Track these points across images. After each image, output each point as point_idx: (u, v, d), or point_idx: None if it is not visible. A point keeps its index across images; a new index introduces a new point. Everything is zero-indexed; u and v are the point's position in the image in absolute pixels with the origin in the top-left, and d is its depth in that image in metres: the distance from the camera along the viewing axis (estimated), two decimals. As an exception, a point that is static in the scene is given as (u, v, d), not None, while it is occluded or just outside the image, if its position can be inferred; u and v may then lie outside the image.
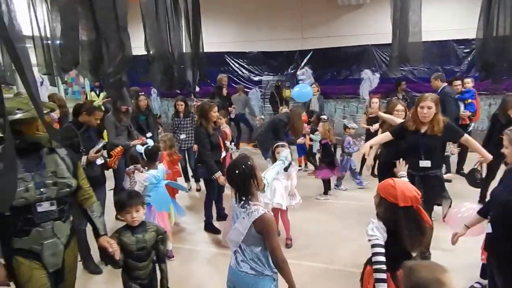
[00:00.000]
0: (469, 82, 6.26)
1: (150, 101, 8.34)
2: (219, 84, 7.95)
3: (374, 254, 1.94)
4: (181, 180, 5.38)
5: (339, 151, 5.73)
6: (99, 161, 3.58)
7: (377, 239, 1.94)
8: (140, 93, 6.10)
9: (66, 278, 2.22)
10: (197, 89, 8.27)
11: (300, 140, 5.67)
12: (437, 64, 8.33)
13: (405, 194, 1.90)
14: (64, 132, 3.36)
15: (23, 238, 1.99)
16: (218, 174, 4.12)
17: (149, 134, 5.40)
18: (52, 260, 2.08)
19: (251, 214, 1.97)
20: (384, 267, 1.90)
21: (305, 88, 6.89)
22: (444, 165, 4.44)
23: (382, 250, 1.93)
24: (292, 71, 9.49)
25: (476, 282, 3.13)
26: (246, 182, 2.01)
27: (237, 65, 9.81)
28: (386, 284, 1.89)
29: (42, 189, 2.00)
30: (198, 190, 5.89)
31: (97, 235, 2.29)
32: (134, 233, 2.40)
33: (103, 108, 3.67)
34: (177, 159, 4.90)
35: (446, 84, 6.26)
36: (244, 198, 2.02)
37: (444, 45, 8.23)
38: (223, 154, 4.40)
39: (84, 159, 3.33)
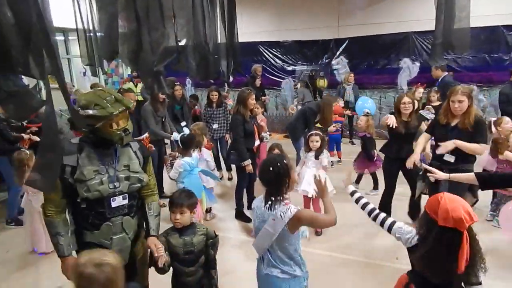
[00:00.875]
0: None
1: (185, 91, 8.53)
2: (254, 74, 7.94)
3: (396, 229, 1.92)
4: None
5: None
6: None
7: (403, 235, 1.85)
8: (176, 83, 6.25)
9: (139, 272, 2.20)
10: (231, 79, 8.37)
11: (331, 128, 5.53)
12: (484, 52, 7.80)
13: (448, 212, 1.60)
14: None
15: (94, 232, 1.98)
16: (248, 162, 4.15)
17: (183, 123, 5.53)
18: (120, 255, 1.90)
19: (283, 214, 1.90)
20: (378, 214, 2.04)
21: (366, 102, 6.60)
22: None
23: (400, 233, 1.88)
24: (326, 61, 9.29)
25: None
26: (280, 181, 1.96)
27: (271, 55, 9.74)
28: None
29: (115, 183, 1.98)
30: (230, 179, 5.97)
31: (147, 234, 2.21)
32: (182, 235, 2.26)
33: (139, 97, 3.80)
34: (209, 148, 4.98)
35: (446, 73, 6.39)
36: (274, 198, 1.96)
37: (493, 31, 7.65)
38: (257, 142, 4.42)
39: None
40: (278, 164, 1.96)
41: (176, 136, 3.89)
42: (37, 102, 2.03)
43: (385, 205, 4.11)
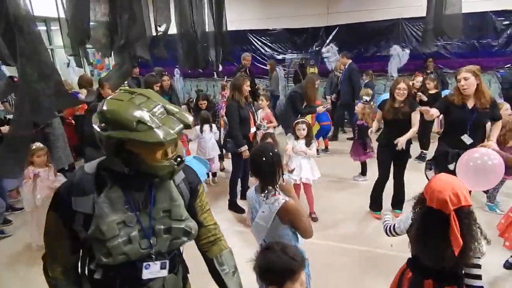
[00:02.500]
0: None
1: (173, 81, 8.38)
2: (243, 63, 7.75)
3: (391, 229, 2.01)
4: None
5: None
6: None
7: (398, 228, 1.94)
8: (163, 73, 6.11)
9: None
10: (220, 68, 8.23)
11: (320, 108, 5.42)
12: (473, 38, 7.81)
13: (434, 193, 1.57)
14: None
15: None
16: (244, 148, 4.10)
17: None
18: None
19: (271, 206, 1.90)
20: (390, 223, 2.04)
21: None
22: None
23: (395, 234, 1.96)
24: (317, 49, 9.20)
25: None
26: (272, 171, 1.94)
27: (260, 43, 9.61)
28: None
29: (151, 240, 1.33)
30: (222, 169, 5.92)
31: None
32: None
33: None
34: (184, 140, 4.92)
35: (351, 60, 7.05)
36: (269, 188, 1.95)
37: (482, 17, 7.66)
38: (253, 129, 4.35)
39: None
40: (270, 154, 1.94)
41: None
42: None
43: (376, 194, 4.12)
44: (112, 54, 4.07)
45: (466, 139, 3.22)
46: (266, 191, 1.94)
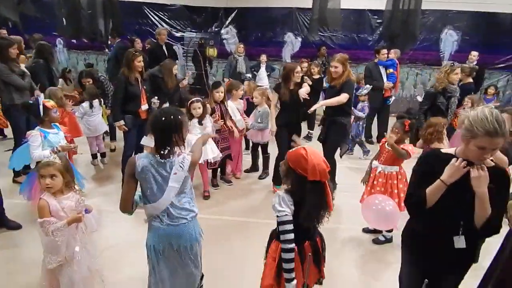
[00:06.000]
0: (392, 53, 6.48)
1: (56, 52, 7.42)
2: (158, 38, 7.08)
3: (283, 232, 1.80)
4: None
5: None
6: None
7: (286, 214, 1.78)
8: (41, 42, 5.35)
9: None
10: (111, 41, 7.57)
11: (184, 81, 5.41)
12: (353, 32, 8.80)
13: (315, 168, 1.72)
14: None
15: None
16: (120, 122, 3.97)
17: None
18: None
19: (183, 164, 1.96)
20: (293, 245, 1.80)
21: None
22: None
23: (291, 227, 1.79)
24: (216, 29, 9.20)
25: (381, 235, 3.45)
26: (169, 134, 1.92)
27: (157, 18, 9.14)
28: (294, 263, 1.80)
29: None
30: (113, 150, 5.56)
31: None
32: None
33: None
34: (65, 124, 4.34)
35: None
36: (167, 151, 1.93)
37: (360, 14, 8.68)
38: (144, 107, 4.15)
39: None
40: (172, 116, 1.93)
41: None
42: None
43: (277, 171, 4.42)
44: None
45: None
46: (165, 151, 1.92)
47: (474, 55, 6.71)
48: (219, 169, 4.60)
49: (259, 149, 4.90)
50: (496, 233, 1.67)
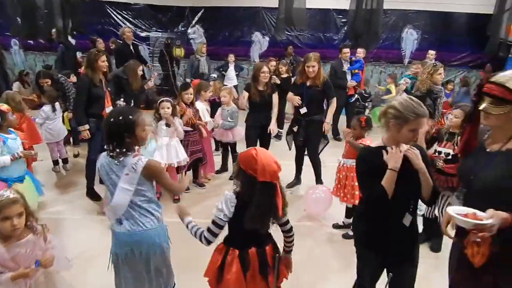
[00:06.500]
0: (361, 53, 6.58)
1: (11, 54, 7.02)
2: (124, 37, 6.77)
3: (210, 231, 1.81)
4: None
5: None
6: None
7: (221, 219, 1.78)
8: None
9: None
10: (73, 42, 7.24)
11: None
12: (319, 31, 8.95)
13: (265, 168, 1.69)
14: None
15: None
16: (84, 127, 3.78)
17: None
18: None
19: (135, 166, 1.86)
20: (209, 245, 1.84)
21: None
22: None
23: (219, 231, 1.80)
24: (183, 29, 9.05)
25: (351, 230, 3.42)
26: (119, 133, 1.85)
27: (120, 17, 8.86)
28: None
29: None
30: (76, 155, 5.33)
31: None
32: None
33: None
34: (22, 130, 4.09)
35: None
36: (117, 151, 1.86)
37: (326, 14, 8.85)
38: (109, 109, 4.00)
39: None
40: (120, 117, 1.86)
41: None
42: None
43: None
44: None
45: (304, 110, 3.98)
46: (114, 153, 1.85)
47: (432, 53, 7.00)
48: (191, 173, 4.53)
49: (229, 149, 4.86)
50: (438, 197, 1.95)
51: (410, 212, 1.84)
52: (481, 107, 1.56)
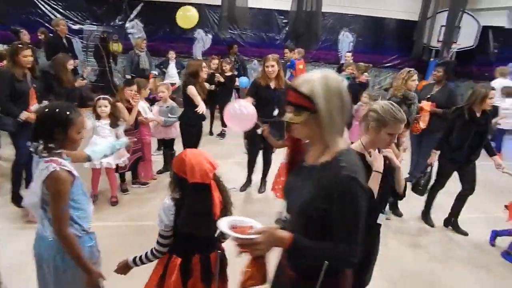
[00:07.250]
0: (296, 53, 6.76)
1: None
2: (57, 29, 6.18)
3: (158, 242, 1.74)
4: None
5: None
6: None
7: (163, 229, 1.71)
8: None
9: None
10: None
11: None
12: (262, 31, 9.08)
13: (194, 168, 1.62)
14: None
15: None
16: (23, 114, 3.44)
17: None
18: None
19: (41, 171, 1.62)
20: (152, 258, 1.77)
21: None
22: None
23: (167, 240, 1.73)
24: (120, 23, 8.60)
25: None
26: (49, 126, 1.64)
27: (49, 7, 8.16)
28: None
29: None
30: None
31: None
32: None
33: None
34: None
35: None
36: (42, 145, 1.63)
37: (268, 14, 9.00)
38: (33, 107, 3.66)
39: None
40: (57, 111, 1.66)
41: None
42: None
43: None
44: None
45: (276, 112, 3.99)
46: (36, 146, 1.63)
47: (348, 56, 7.33)
48: (131, 173, 4.34)
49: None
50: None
51: (382, 211, 1.96)
52: (284, 118, 1.30)
